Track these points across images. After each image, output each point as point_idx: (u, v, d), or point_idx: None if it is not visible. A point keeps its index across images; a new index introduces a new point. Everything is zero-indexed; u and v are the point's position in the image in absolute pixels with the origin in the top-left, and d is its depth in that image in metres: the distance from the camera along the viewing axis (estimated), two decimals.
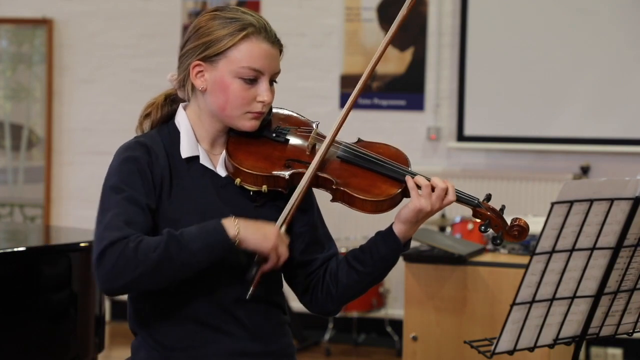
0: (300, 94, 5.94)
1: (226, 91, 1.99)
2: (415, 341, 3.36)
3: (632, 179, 1.98)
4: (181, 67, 2.05)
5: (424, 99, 5.85)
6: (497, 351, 2.01)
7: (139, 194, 1.93)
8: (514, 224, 2.03)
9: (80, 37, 6.37)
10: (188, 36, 2.04)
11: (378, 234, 2.04)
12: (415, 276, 3.36)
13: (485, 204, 2.04)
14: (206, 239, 1.87)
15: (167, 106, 2.12)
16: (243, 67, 1.98)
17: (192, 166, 2.03)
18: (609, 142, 5.46)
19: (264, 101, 2.00)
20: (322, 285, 2.07)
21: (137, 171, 1.95)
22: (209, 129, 2.06)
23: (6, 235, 3.79)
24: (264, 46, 1.99)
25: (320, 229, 2.13)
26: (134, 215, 1.90)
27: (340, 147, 2.06)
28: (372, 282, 2.05)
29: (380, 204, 1.98)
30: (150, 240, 1.86)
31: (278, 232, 1.93)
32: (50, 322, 2.91)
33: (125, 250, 1.84)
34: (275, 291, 2.10)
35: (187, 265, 1.87)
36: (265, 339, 2.04)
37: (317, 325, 5.76)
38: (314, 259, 2.09)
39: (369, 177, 2.01)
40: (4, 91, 6.51)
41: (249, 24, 1.99)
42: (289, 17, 6.02)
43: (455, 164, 5.80)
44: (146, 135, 2.07)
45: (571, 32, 5.50)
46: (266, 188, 2.00)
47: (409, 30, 5.84)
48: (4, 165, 6.50)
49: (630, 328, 2.19)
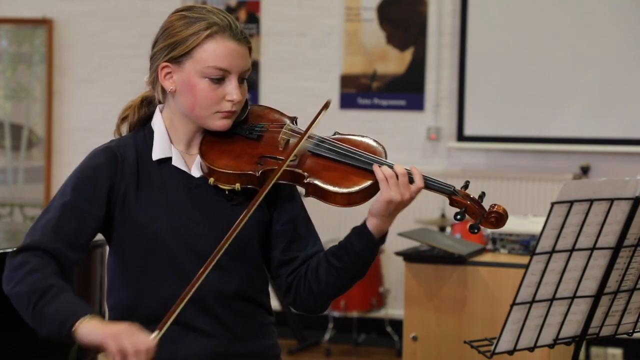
0: (300, 94, 5.94)
1: (194, 92, 1.97)
2: (415, 341, 3.36)
3: (632, 179, 1.98)
4: (151, 68, 2.04)
5: (424, 99, 5.85)
6: (497, 351, 2.01)
7: (83, 202, 1.96)
8: (492, 210, 1.97)
9: (80, 37, 6.37)
10: (157, 37, 2.02)
11: (353, 229, 2.01)
12: (415, 276, 3.36)
13: (462, 192, 1.99)
14: (58, 313, 1.82)
15: (144, 108, 2.11)
16: (209, 67, 1.95)
17: (163, 168, 2.01)
18: (609, 142, 5.46)
19: (233, 100, 1.98)
20: (304, 283, 2.04)
21: (92, 179, 1.97)
22: (183, 129, 2.04)
23: (6, 235, 3.79)
24: (230, 44, 1.96)
25: (303, 227, 2.09)
26: (64, 222, 1.94)
27: (313, 140, 2.02)
28: (352, 278, 2.02)
29: (352, 196, 1.95)
30: (37, 278, 1.87)
31: (128, 328, 1.77)
32: None
33: (21, 266, 1.89)
34: (259, 291, 2.08)
35: (33, 319, 1.87)
36: (248, 340, 2.03)
37: (317, 325, 5.77)
38: (295, 257, 2.06)
39: (341, 170, 1.98)
40: (4, 91, 6.51)
41: (213, 23, 1.96)
42: (289, 17, 6.02)
43: (455, 164, 5.80)
44: (119, 140, 2.07)
45: (571, 32, 5.50)
46: (239, 186, 1.97)
47: (409, 30, 5.84)
48: (4, 165, 6.50)
49: (630, 328, 2.19)
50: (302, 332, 5.63)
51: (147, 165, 2.01)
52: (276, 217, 2.06)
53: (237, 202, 2.01)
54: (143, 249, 1.98)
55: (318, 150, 2.01)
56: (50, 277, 1.88)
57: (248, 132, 2.05)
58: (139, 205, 1.98)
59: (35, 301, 1.85)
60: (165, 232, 1.97)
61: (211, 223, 2.00)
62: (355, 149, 2.00)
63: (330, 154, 2.00)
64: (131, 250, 1.99)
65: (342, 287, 2.04)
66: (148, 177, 2.00)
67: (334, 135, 2.07)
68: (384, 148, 2.04)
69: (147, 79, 2.08)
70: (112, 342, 1.74)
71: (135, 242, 1.98)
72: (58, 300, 1.84)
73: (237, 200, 2.01)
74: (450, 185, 1.99)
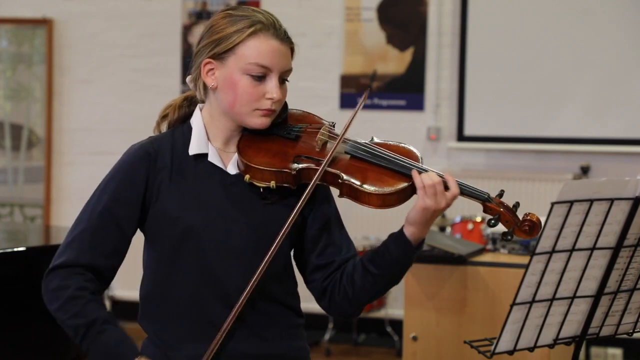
0: (300, 94, 5.92)
1: (235, 88, 1.99)
2: (415, 341, 3.36)
3: (632, 179, 1.98)
4: (194, 66, 2.06)
5: (424, 99, 5.85)
6: (497, 351, 2.01)
7: (120, 207, 1.99)
8: (526, 218, 1.99)
9: (80, 37, 6.37)
10: (201, 35, 2.05)
11: (390, 236, 2.02)
12: (415, 276, 3.36)
13: (497, 199, 2.01)
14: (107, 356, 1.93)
15: (185, 107, 2.13)
16: (251, 64, 1.97)
17: (199, 164, 2.03)
18: (609, 142, 5.46)
19: (273, 98, 1.99)
20: (339, 288, 2.05)
21: (127, 180, 2.00)
22: (222, 127, 2.06)
23: (6, 235, 3.79)
24: (272, 43, 1.98)
25: (337, 231, 2.10)
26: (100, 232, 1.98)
27: (349, 142, 2.05)
28: (388, 284, 2.03)
29: (387, 198, 1.97)
30: (84, 307, 1.94)
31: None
32: (50, 322, 2.91)
33: (63, 289, 1.95)
34: (288, 292, 2.09)
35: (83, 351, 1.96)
36: (274, 342, 2.03)
37: (317, 325, 5.76)
38: (331, 261, 2.07)
39: (377, 172, 2.00)
40: (4, 91, 6.51)
41: (257, 21, 1.99)
42: (289, 17, 6.01)
43: (455, 164, 5.80)
44: (156, 136, 2.08)
45: (571, 32, 5.50)
46: (274, 184, 1.99)
47: (409, 30, 5.84)
48: (4, 165, 6.50)
49: (630, 328, 2.19)
50: None
51: (182, 160, 2.03)
52: (311, 220, 2.07)
53: (270, 201, 2.03)
54: (175, 242, 1.99)
55: (354, 151, 2.03)
56: (91, 306, 1.95)
57: (286, 133, 2.07)
58: (171, 198, 1.99)
59: (80, 339, 1.94)
60: (197, 226, 1.98)
61: (244, 220, 2.01)
62: (392, 153, 2.02)
63: (367, 156, 2.02)
64: (163, 244, 2.00)
65: (377, 292, 2.05)
66: (182, 171, 2.02)
67: (371, 141, 2.09)
68: (420, 154, 2.06)
69: (189, 76, 2.10)
70: None
71: (168, 234, 1.99)
72: (104, 338, 1.93)
73: (271, 199, 2.03)
74: (485, 192, 2.00)
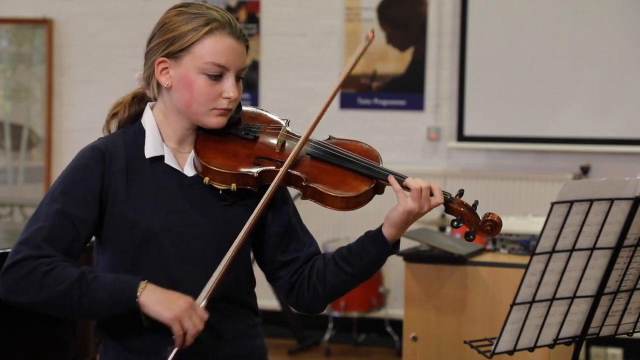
0: (300, 94, 5.94)
1: (191, 87, 1.96)
2: (415, 341, 3.36)
3: (632, 179, 1.98)
4: (147, 64, 2.02)
5: (424, 99, 5.85)
6: (497, 351, 2.01)
7: (75, 207, 1.93)
8: (487, 218, 1.99)
9: (80, 37, 6.37)
10: (153, 32, 2.01)
11: (366, 235, 2.01)
12: (415, 276, 3.36)
13: (458, 199, 2.00)
14: (113, 293, 1.86)
15: (134, 105, 2.09)
16: (207, 63, 1.95)
17: (156, 166, 2.00)
18: (609, 142, 5.46)
19: (230, 97, 1.97)
20: (308, 284, 2.04)
21: (82, 181, 1.95)
22: (176, 127, 2.03)
23: (6, 235, 3.79)
24: (229, 41, 1.96)
25: (298, 226, 2.09)
26: (57, 230, 1.91)
27: (311, 144, 2.03)
28: (359, 281, 2.04)
29: (351, 201, 1.96)
30: (62, 271, 1.87)
31: (188, 305, 1.87)
32: (50, 322, 2.91)
33: (33, 271, 1.86)
34: (247, 293, 2.07)
35: (86, 310, 1.88)
36: (233, 342, 2.02)
37: (317, 325, 5.77)
38: (296, 257, 2.06)
39: (339, 174, 1.99)
40: (4, 91, 6.51)
41: (213, 19, 1.96)
42: (289, 17, 6.02)
43: (455, 164, 5.80)
44: (108, 137, 2.05)
45: (571, 32, 5.50)
46: (235, 186, 1.97)
47: (409, 30, 5.84)
48: (4, 165, 6.50)
49: (630, 328, 2.19)
50: (302, 332, 5.63)
51: (137, 163, 1.99)
52: (270, 218, 2.06)
53: (230, 203, 2.01)
54: (133, 247, 1.96)
55: (316, 153, 2.02)
56: (70, 267, 1.88)
57: (244, 133, 2.05)
58: (129, 202, 1.96)
59: (78, 294, 1.86)
60: (156, 230, 1.95)
61: (204, 223, 1.98)
62: (353, 154, 2.01)
63: (330, 158, 2.01)
64: (121, 249, 1.97)
65: (347, 289, 2.05)
66: (139, 174, 1.98)
67: (329, 140, 2.07)
68: (379, 153, 2.06)
69: (138, 75, 2.07)
70: (176, 325, 1.85)
71: (126, 239, 1.96)
72: (103, 281, 1.87)
73: (229, 200, 2.01)
74: (448, 192, 2.00)
